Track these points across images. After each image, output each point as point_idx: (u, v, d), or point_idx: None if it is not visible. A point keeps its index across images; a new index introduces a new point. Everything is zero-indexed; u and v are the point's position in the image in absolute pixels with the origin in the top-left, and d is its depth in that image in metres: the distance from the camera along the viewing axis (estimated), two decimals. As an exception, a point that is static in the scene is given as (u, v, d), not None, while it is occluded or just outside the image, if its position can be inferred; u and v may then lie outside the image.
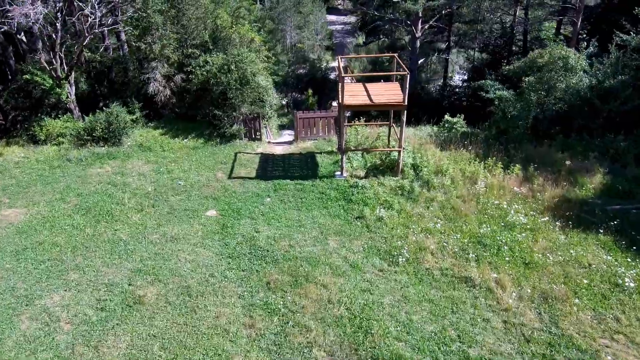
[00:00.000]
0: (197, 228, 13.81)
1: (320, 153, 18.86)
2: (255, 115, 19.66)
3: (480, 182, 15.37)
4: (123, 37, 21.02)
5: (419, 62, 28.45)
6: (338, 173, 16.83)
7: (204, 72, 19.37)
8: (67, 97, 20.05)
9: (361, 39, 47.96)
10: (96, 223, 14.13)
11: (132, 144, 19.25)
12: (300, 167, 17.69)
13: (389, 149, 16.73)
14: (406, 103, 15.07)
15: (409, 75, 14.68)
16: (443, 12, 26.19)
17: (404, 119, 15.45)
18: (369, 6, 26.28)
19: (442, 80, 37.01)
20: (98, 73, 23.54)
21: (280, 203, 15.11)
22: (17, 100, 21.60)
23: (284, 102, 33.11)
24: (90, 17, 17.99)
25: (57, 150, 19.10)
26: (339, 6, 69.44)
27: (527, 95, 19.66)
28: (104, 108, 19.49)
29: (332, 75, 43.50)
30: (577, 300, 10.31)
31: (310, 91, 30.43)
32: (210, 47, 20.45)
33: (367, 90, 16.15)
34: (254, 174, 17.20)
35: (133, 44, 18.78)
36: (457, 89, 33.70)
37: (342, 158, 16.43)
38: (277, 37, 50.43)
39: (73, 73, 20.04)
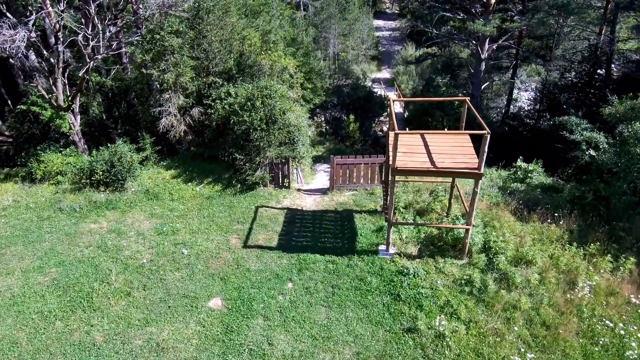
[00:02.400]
0: (193, 330, 10.43)
1: (360, 212, 15.11)
2: (284, 160, 16.17)
3: (583, 284, 11.10)
4: (136, 59, 18.15)
5: (483, 86, 24.10)
6: (382, 248, 13.03)
7: (226, 106, 16.11)
8: (70, 128, 17.36)
9: (411, 49, 43.70)
10: (71, 311, 11.06)
11: (137, 190, 16.24)
12: (334, 232, 14.01)
13: (453, 226, 12.72)
14: (482, 171, 11.06)
15: (489, 136, 10.67)
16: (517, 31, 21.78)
17: (478, 190, 11.43)
18: (425, 21, 22.35)
19: (503, 103, 32.27)
20: (113, 96, 20.92)
21: (304, 293, 11.51)
22: (22, 126, 19.20)
23: (321, 119, 29.55)
24: (93, 41, 15.14)
25: (53, 192, 16.39)
26: (387, 10, 65.20)
27: (634, 148, 15.06)
28: (108, 144, 16.62)
29: (377, 91, 39.71)
30: None
31: (352, 117, 26.73)
32: (236, 74, 17.17)
33: (426, 146, 12.25)
34: (275, 240, 13.69)
35: (143, 70, 15.84)
36: (526, 118, 28.89)
37: (388, 231, 12.59)
38: (319, 46, 47.24)
39: (77, 101, 17.33)
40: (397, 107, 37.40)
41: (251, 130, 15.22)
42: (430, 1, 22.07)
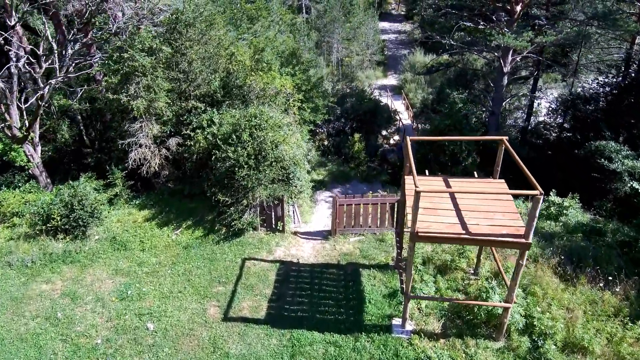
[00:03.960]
0: None
1: (369, 267, 12.47)
2: (277, 201, 13.58)
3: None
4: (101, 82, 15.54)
5: (504, 102, 21.38)
6: (397, 323, 10.41)
7: (209, 136, 13.54)
8: (29, 160, 14.86)
9: (419, 55, 41.01)
10: (-7, 422, 8.53)
11: (102, 237, 13.68)
12: (337, 297, 11.38)
13: (489, 303, 10.02)
14: (530, 240, 8.41)
15: (541, 197, 8.02)
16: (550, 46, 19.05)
17: (523, 263, 8.77)
18: (441, 33, 19.68)
19: (520, 115, 29.44)
20: (85, 119, 18.44)
21: (298, 393, 8.89)
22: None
23: (323, 134, 26.87)
24: (46, 62, 12.63)
25: (6, 239, 13.88)
26: (392, 11, 62.47)
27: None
28: (70, 182, 14.10)
29: (383, 100, 37.03)
30: None
31: (356, 136, 24.04)
32: (221, 98, 14.58)
33: (453, 197, 9.61)
34: (264, 309, 11.07)
35: (109, 95, 13.33)
36: (548, 133, 26.08)
37: (405, 305, 9.94)
38: (322, 51, 44.65)
39: (37, 130, 14.83)
40: (405, 118, 34.76)
41: (237, 169, 12.63)
42: (446, 8, 19.47)
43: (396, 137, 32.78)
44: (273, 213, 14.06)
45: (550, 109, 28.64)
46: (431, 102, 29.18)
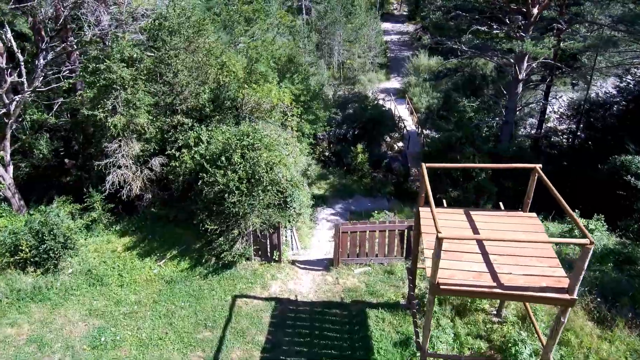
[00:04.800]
0: None
1: (377, 307, 10.98)
2: (272, 229, 12.11)
3: None
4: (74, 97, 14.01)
5: (517, 110, 19.90)
6: (411, 381, 8.93)
7: (196, 156, 12.07)
8: (0, 182, 13.43)
9: (423, 57, 39.58)
10: None
11: (76, 271, 12.20)
12: (340, 346, 9.90)
13: None
14: (576, 295, 6.95)
15: (592, 247, 6.55)
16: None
17: (565, 320, 7.29)
18: (451, 38, 18.21)
19: (530, 121, 27.91)
20: (67, 132, 17.00)
21: None
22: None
23: (324, 142, 25.31)
24: (11, 76, 11.16)
25: (-28, 271, 12.43)
26: (395, 11, 60.95)
27: None
28: (43, 206, 12.65)
29: (387, 104, 35.60)
30: None
31: (359, 146, 22.59)
32: (211, 113, 13.10)
33: (480, 244, 8.13)
34: (257, 361, 9.61)
35: (85, 111, 11.88)
36: (561, 144, 24.59)
37: (421, 363, 8.47)
38: (322, 53, 43.22)
39: (7, 149, 13.40)
40: (409, 123, 33.28)
41: (226, 195, 11.16)
42: (456, 10, 18.01)
43: (400, 144, 31.34)
44: (268, 241, 12.59)
45: (562, 114, 27.16)
46: (437, 108, 27.66)
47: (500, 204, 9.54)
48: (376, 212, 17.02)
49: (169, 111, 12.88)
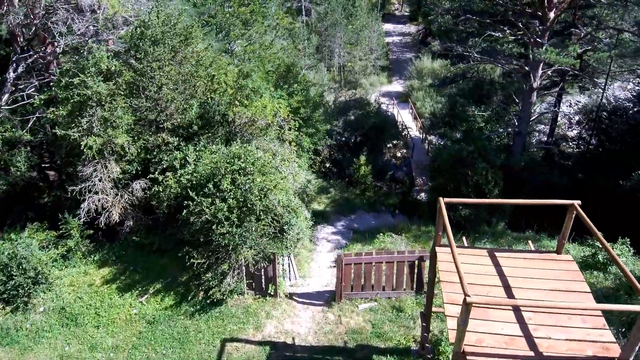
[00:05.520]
0: None
1: (385, 353, 9.70)
2: (267, 261, 10.83)
3: None
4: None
5: (531, 120, 18.61)
6: None
7: (183, 180, 10.80)
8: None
9: (427, 60, 38.35)
10: None
11: (49, 308, 10.93)
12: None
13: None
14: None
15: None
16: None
17: (617, 401, 6.00)
18: (460, 42, 16.87)
19: (539, 128, 26.53)
20: (48, 146, 15.75)
21: None
22: None
23: (324, 151, 23.91)
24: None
25: None
26: (396, 12, 59.63)
27: None
28: (12, 235, 11.39)
29: (389, 109, 34.37)
30: None
31: (362, 158, 21.30)
32: (198, 130, 11.81)
33: (508, 289, 6.86)
34: (248, 422, 8.31)
35: (57, 132, 10.63)
36: (573, 153, 23.28)
37: None
38: (323, 56, 42.06)
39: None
40: (413, 129, 32.01)
41: (215, 225, 9.89)
42: (466, 14, 16.71)
43: (403, 150, 30.08)
44: (263, 274, 11.31)
45: (574, 120, 25.89)
46: (443, 115, 26.35)
47: (530, 243, 8.26)
48: (381, 233, 15.78)
49: (153, 128, 11.61)
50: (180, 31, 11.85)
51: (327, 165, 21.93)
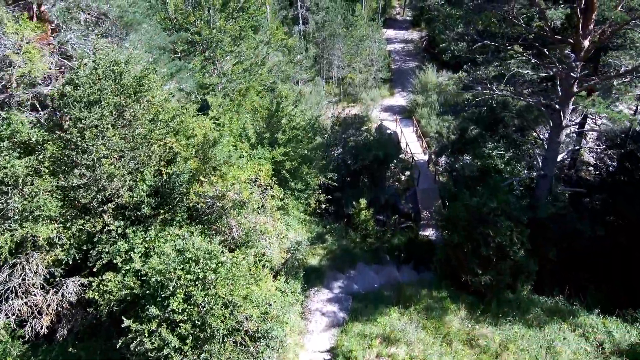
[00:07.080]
0: None
1: None
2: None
3: None
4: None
5: (559, 158, 15.94)
6: None
7: (129, 281, 8.23)
8: None
9: (431, 73, 35.80)
10: None
11: None
12: None
13: None
14: None
15: None
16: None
17: None
18: (480, 81, 14.17)
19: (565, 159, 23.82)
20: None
21: None
22: None
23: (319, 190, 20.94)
24: None
25: None
26: (397, 16, 56.81)
27: None
28: None
29: (391, 127, 31.87)
30: None
31: (362, 202, 18.61)
32: (151, 212, 9.21)
33: None
34: None
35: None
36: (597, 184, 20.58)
37: None
38: (321, 67, 39.72)
39: None
40: (418, 151, 29.43)
41: (164, 357, 7.31)
42: (483, 40, 14.03)
43: (407, 172, 27.48)
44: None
45: (598, 148, 23.22)
46: (452, 144, 23.67)
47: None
48: (387, 308, 13.22)
49: (90, 212, 9.02)
50: (128, 82, 9.24)
51: (323, 206, 19.23)
